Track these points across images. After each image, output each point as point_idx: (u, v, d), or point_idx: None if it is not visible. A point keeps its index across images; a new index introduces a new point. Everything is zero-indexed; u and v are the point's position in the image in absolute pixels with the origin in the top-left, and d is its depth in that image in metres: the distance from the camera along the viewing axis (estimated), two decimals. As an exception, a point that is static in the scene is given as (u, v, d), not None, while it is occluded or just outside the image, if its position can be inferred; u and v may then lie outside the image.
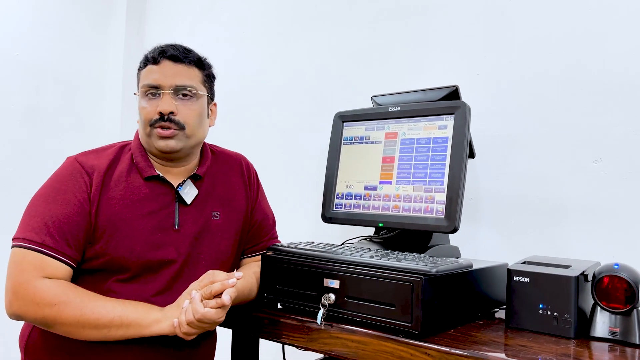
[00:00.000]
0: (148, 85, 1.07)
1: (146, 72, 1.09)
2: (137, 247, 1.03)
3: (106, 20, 2.32)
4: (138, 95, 1.11)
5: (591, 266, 1.03)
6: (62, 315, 0.94)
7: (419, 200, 1.13)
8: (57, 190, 1.02)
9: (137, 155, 1.10)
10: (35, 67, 2.08)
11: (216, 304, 0.95)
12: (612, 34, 1.22)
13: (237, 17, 2.00)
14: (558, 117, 1.28)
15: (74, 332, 0.95)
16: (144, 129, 1.09)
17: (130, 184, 1.07)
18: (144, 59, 1.12)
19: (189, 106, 1.09)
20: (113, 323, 0.95)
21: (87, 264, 1.03)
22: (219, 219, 1.14)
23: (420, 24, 1.52)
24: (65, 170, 1.05)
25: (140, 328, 0.96)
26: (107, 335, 0.96)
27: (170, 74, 1.07)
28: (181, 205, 1.10)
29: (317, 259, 1.04)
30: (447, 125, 1.12)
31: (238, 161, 1.24)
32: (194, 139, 1.11)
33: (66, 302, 0.94)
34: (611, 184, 1.21)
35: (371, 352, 0.92)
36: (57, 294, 0.95)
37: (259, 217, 1.24)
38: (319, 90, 1.74)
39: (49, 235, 0.98)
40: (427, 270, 0.90)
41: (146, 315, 0.97)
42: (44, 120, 2.11)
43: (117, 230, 1.03)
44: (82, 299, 0.96)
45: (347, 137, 1.29)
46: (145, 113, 1.07)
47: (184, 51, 1.11)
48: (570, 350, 0.87)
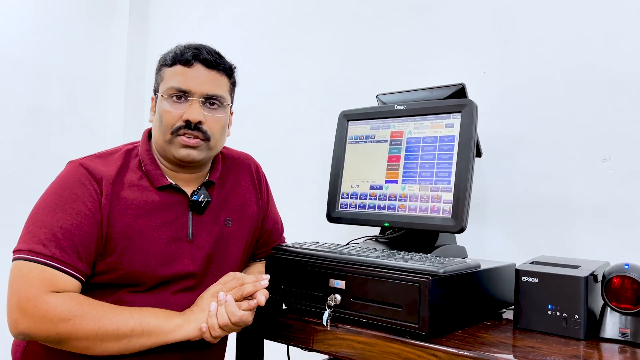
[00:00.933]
0: (177, 88, 1.01)
1: (175, 73, 1.02)
2: (152, 260, 0.98)
3: (109, 20, 2.32)
4: (159, 97, 1.04)
5: (600, 266, 1.01)
6: (79, 329, 0.88)
7: (426, 199, 1.12)
8: (65, 199, 0.95)
9: (146, 163, 1.04)
10: (37, 66, 2.07)
11: (249, 305, 0.95)
12: (622, 31, 1.21)
13: (241, 16, 1.99)
14: (565, 115, 1.27)
15: (92, 346, 0.89)
16: (163, 134, 1.02)
17: (142, 193, 1.01)
18: (172, 56, 1.03)
19: (216, 117, 1.03)
20: (134, 332, 0.90)
21: (97, 278, 0.98)
22: (231, 225, 1.10)
23: (426, 21, 1.51)
24: (71, 177, 0.98)
25: (163, 335, 0.92)
26: (127, 347, 0.91)
27: (202, 81, 1.01)
28: (194, 214, 1.05)
29: (322, 259, 1.02)
30: (454, 124, 1.11)
31: (247, 164, 1.20)
32: (214, 151, 1.07)
33: (82, 316, 0.88)
34: (620, 182, 1.19)
35: (377, 353, 0.91)
36: (71, 307, 0.88)
37: (270, 223, 1.21)
38: (324, 89, 1.72)
39: (59, 247, 0.91)
40: (434, 271, 0.89)
41: (168, 320, 0.93)
42: (47, 120, 2.10)
43: (132, 243, 0.97)
44: (98, 310, 0.90)
45: (352, 136, 1.28)
46: (169, 117, 1.00)
47: (217, 57, 1.06)
48: (580, 352, 0.85)
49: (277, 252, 1.11)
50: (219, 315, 0.93)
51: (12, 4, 1.99)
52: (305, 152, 1.75)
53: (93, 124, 2.26)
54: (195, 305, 0.99)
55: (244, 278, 0.99)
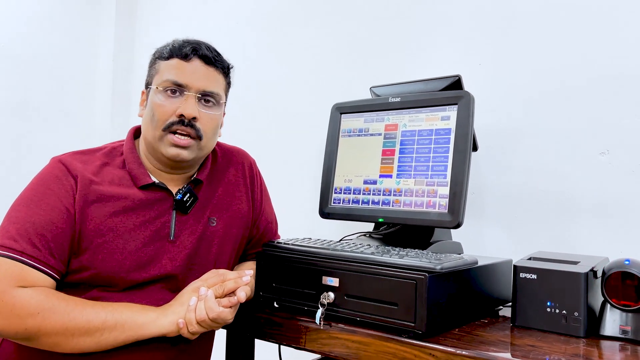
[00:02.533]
0: (173, 81, 0.98)
1: (171, 66, 0.99)
2: (127, 261, 0.95)
3: (96, 12, 2.26)
4: (152, 89, 1.01)
5: (600, 262, 0.99)
6: (48, 324, 0.85)
7: (421, 194, 1.09)
8: (40, 194, 0.93)
9: (130, 162, 1.01)
10: (22, 60, 2.02)
11: (229, 302, 0.92)
12: (621, 24, 1.19)
13: (232, 9, 1.95)
14: (563, 108, 1.24)
15: (63, 342, 0.87)
16: (154, 130, 0.98)
17: (122, 190, 0.98)
18: (170, 49, 1.01)
19: (210, 114, 1.01)
20: (106, 325, 0.87)
21: (70, 277, 0.95)
22: (215, 225, 1.06)
23: (421, 13, 1.48)
24: (49, 173, 0.96)
25: (137, 328, 0.89)
26: (99, 342, 0.88)
27: (199, 76, 0.99)
28: (178, 213, 1.02)
29: (315, 255, 0.99)
30: (450, 116, 1.08)
31: (241, 160, 1.16)
32: (205, 151, 1.04)
33: (51, 309, 0.86)
34: (619, 176, 1.17)
35: (373, 353, 0.88)
36: (39, 301, 0.86)
37: (263, 223, 1.18)
38: (317, 82, 1.69)
39: (30, 243, 0.89)
40: (431, 267, 0.86)
41: (142, 314, 0.91)
42: (31, 115, 2.05)
43: (106, 241, 0.94)
44: (68, 304, 0.88)
45: (345, 129, 1.25)
46: (162, 112, 0.97)
47: (216, 54, 1.04)
48: (581, 350, 0.83)
49: (269, 249, 1.07)
50: (198, 311, 0.90)
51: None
52: (297, 146, 1.72)
53: (80, 119, 2.21)
54: (174, 300, 0.96)
55: (225, 274, 0.96)
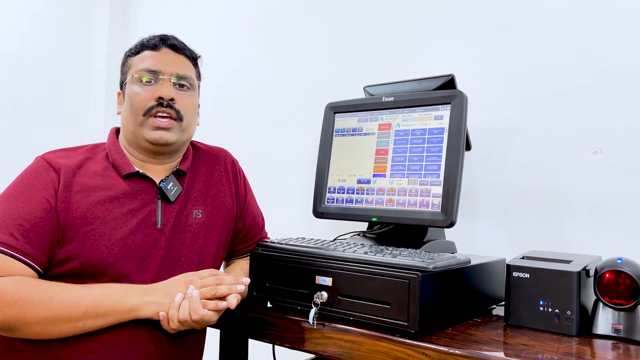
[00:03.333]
0: (146, 69, 1.02)
1: (142, 58, 1.04)
2: (115, 247, 0.96)
3: (90, 12, 2.26)
4: (127, 83, 1.04)
5: (593, 261, 0.99)
6: (27, 313, 0.85)
7: (414, 193, 1.09)
8: (20, 188, 0.95)
9: (112, 153, 1.04)
10: (18, 60, 2.02)
11: (216, 306, 0.91)
12: (614, 25, 1.19)
13: (226, 7, 1.95)
14: (556, 107, 1.25)
15: (44, 331, 0.87)
16: (134, 118, 1.01)
17: (106, 180, 1.00)
18: (138, 45, 1.07)
19: (187, 97, 1.05)
20: (87, 314, 0.88)
21: (58, 268, 0.95)
22: (200, 217, 1.07)
23: (415, 12, 1.48)
24: (30, 169, 0.99)
25: (120, 315, 0.90)
26: (83, 328, 0.89)
27: (171, 62, 1.04)
28: (164, 202, 1.03)
29: (308, 255, 0.99)
30: (443, 116, 1.08)
31: (223, 157, 1.18)
32: (187, 134, 1.07)
33: (28, 298, 0.86)
34: (611, 175, 1.18)
35: (366, 352, 0.88)
36: (16, 290, 0.86)
37: (249, 217, 1.18)
38: (310, 81, 1.69)
39: (8, 233, 0.89)
40: (424, 267, 0.86)
41: (124, 300, 0.91)
42: (25, 114, 2.04)
43: (93, 229, 0.95)
44: (46, 292, 0.88)
45: (339, 128, 1.25)
46: (139, 99, 1.01)
47: (183, 43, 1.10)
48: (573, 349, 0.83)
49: (262, 249, 1.07)
50: (181, 310, 0.90)
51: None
52: (291, 145, 1.72)
53: (74, 119, 2.20)
54: (163, 285, 0.95)
55: (222, 279, 0.95)
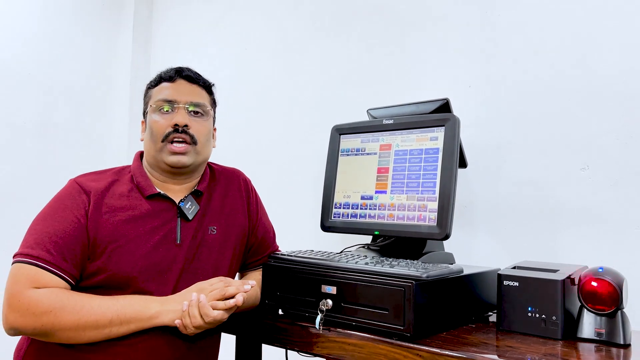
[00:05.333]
0: (163, 99, 1.13)
1: (160, 89, 1.15)
2: (139, 262, 1.06)
3: (114, 38, 2.41)
4: (148, 112, 1.16)
5: (578, 270, 1.06)
6: (60, 321, 0.95)
7: (413, 208, 1.18)
8: (55, 209, 1.06)
9: (137, 176, 1.14)
10: (45, 84, 2.16)
11: (224, 305, 1.00)
12: (600, 45, 1.27)
13: (241, 34, 2.07)
14: (546, 127, 1.33)
15: (75, 336, 0.97)
16: (154, 144, 1.13)
17: (131, 201, 1.10)
18: (157, 78, 1.18)
19: (201, 122, 1.15)
20: (113, 322, 0.98)
21: (88, 281, 1.05)
22: (215, 233, 1.17)
23: (414, 40, 1.58)
24: (64, 192, 1.09)
25: (142, 322, 1.00)
26: (109, 334, 0.99)
27: (185, 92, 1.15)
28: (183, 220, 1.13)
29: (314, 266, 1.08)
30: (438, 137, 1.17)
31: (236, 177, 1.28)
32: (202, 156, 1.16)
33: (62, 307, 0.96)
34: (598, 190, 1.25)
35: (366, 354, 0.96)
36: (51, 300, 0.96)
37: (260, 232, 1.28)
38: (318, 104, 1.79)
39: (45, 250, 1.00)
40: (417, 276, 0.94)
41: (145, 309, 1.01)
42: (54, 135, 2.18)
43: (119, 246, 1.05)
44: (77, 302, 0.97)
45: (344, 149, 1.34)
46: (158, 127, 1.12)
47: (197, 74, 1.20)
48: (557, 351, 0.90)
49: (273, 260, 1.17)
50: (192, 318, 1.00)
51: (21, 25, 2.08)
52: (300, 164, 1.82)
53: (98, 139, 2.34)
54: (179, 295, 1.05)
55: (230, 282, 1.05)
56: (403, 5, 1.61)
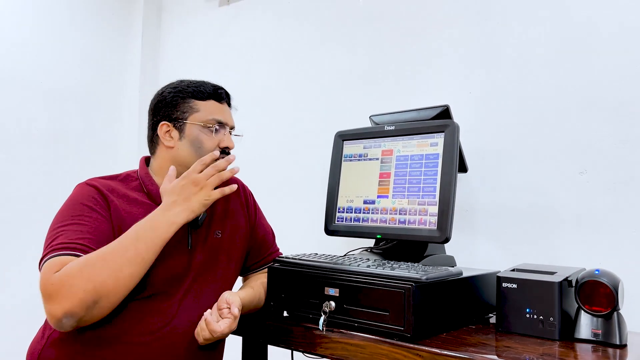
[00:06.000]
0: (218, 120, 1.18)
1: (211, 107, 1.19)
2: (156, 266, 1.08)
3: (123, 46, 2.46)
4: (193, 124, 1.16)
5: (575, 272, 1.09)
6: (95, 274, 0.94)
7: (414, 212, 1.21)
8: (80, 210, 1.06)
9: (147, 184, 1.17)
10: (59, 94, 2.21)
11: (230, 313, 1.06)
12: (597, 52, 1.30)
13: (247, 42, 2.11)
14: (545, 132, 1.36)
15: (118, 284, 0.96)
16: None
17: (145, 208, 1.12)
18: (205, 92, 1.19)
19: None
20: (139, 249, 0.98)
21: None
22: (220, 236, 1.21)
23: (416, 47, 1.61)
24: (84, 193, 1.09)
25: (164, 234, 1.02)
26: (143, 262, 0.99)
27: (230, 115, 1.23)
28: (191, 227, 1.18)
29: (318, 269, 1.11)
30: (438, 143, 1.20)
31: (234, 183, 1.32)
32: None
33: (88, 264, 0.95)
34: (595, 194, 1.27)
35: (368, 354, 0.99)
36: (72, 266, 0.95)
37: (260, 233, 1.32)
38: (322, 111, 1.83)
39: (82, 244, 1.00)
40: (417, 278, 0.97)
41: (159, 221, 1.02)
42: (65, 142, 2.23)
43: None
44: (94, 254, 0.97)
45: (347, 154, 1.38)
46: (210, 144, 1.17)
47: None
48: (555, 351, 0.93)
49: (278, 264, 1.20)
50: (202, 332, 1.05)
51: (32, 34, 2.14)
52: (304, 169, 1.85)
53: (108, 145, 2.39)
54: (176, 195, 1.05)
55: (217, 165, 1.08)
56: (405, 14, 1.64)
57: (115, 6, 2.44)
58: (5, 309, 2.01)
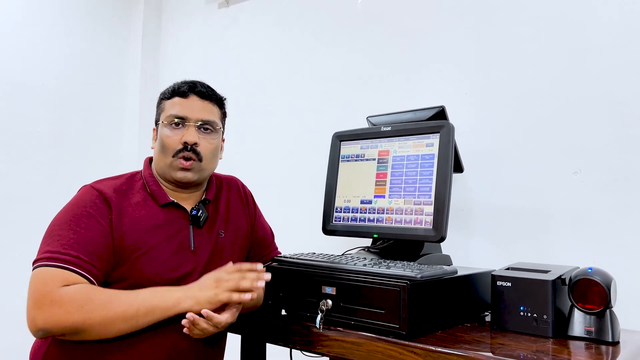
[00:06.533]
0: (175, 115, 1.16)
1: (173, 103, 1.18)
2: (160, 268, 1.10)
3: (124, 49, 2.48)
4: (160, 124, 1.19)
5: (568, 270, 1.10)
6: (91, 316, 0.96)
7: (410, 212, 1.23)
8: (79, 215, 1.07)
9: (150, 184, 1.18)
10: (60, 96, 2.23)
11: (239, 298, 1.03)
12: (592, 53, 1.31)
13: (246, 44, 2.13)
14: (540, 132, 1.37)
15: (103, 331, 0.98)
16: (165, 157, 1.16)
17: (148, 210, 1.14)
18: (170, 90, 1.20)
19: (209, 139, 1.19)
20: (139, 312, 1.00)
21: (114, 286, 1.07)
22: (223, 236, 1.23)
23: (412, 49, 1.63)
24: (84, 198, 1.10)
25: (165, 311, 1.02)
26: (136, 325, 1.00)
27: (197, 109, 1.17)
28: (194, 227, 1.19)
29: (315, 268, 1.13)
30: (434, 143, 1.22)
31: (235, 184, 1.34)
32: (207, 172, 1.21)
33: (92, 301, 0.97)
34: (589, 194, 1.29)
35: (364, 352, 1.00)
36: (81, 295, 0.97)
37: (259, 232, 1.34)
38: (320, 112, 1.85)
39: (74, 255, 1.01)
40: (412, 276, 0.99)
41: (168, 298, 1.03)
42: (67, 145, 2.25)
43: (143, 254, 1.09)
44: (105, 296, 1.00)
45: (344, 155, 1.39)
46: (170, 141, 1.15)
47: (209, 89, 1.22)
48: (548, 348, 0.94)
49: (276, 263, 1.22)
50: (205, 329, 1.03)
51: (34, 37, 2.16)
52: (302, 170, 1.87)
53: (109, 147, 2.41)
54: (197, 283, 1.07)
55: (245, 275, 1.07)
56: (402, 15, 1.66)
57: (115, 8, 2.46)
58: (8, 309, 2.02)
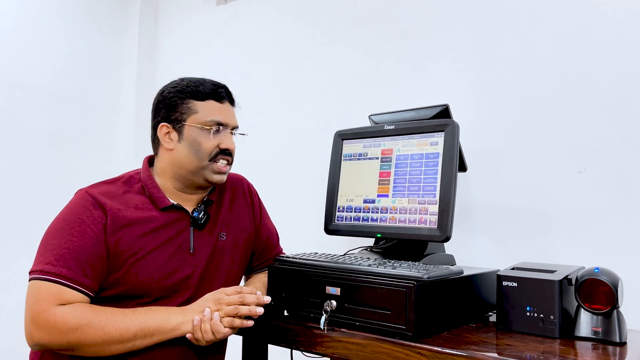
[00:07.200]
0: (217, 121, 1.14)
1: (211, 108, 1.15)
2: (156, 273, 1.08)
3: (120, 47, 2.45)
4: (189, 126, 1.14)
5: (574, 270, 1.09)
6: (87, 337, 0.98)
7: (414, 212, 1.21)
8: (71, 223, 1.05)
9: (149, 187, 1.15)
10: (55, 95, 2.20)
11: (241, 323, 1.05)
12: (597, 53, 1.31)
13: (245, 41, 2.11)
14: (544, 131, 1.36)
15: (100, 351, 1.00)
16: (200, 161, 1.13)
17: (146, 214, 1.11)
18: (202, 91, 1.15)
19: (235, 143, 1.20)
20: (137, 335, 1.00)
21: (108, 292, 1.07)
22: (225, 239, 1.21)
23: (415, 47, 1.62)
24: (78, 204, 1.08)
25: (163, 334, 1.03)
26: (133, 347, 1.01)
27: (232, 115, 1.19)
28: (195, 229, 1.16)
29: (318, 268, 1.11)
30: (438, 142, 1.21)
31: (240, 184, 1.31)
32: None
33: (88, 324, 0.98)
34: (594, 193, 1.28)
35: (370, 353, 0.99)
36: (77, 317, 0.98)
37: (264, 235, 1.32)
38: (322, 110, 1.83)
39: (66, 267, 1.01)
40: (419, 277, 0.97)
41: (167, 321, 1.03)
42: (63, 143, 2.22)
43: (138, 259, 1.07)
44: (102, 318, 0.99)
45: (346, 154, 1.38)
46: (209, 146, 1.13)
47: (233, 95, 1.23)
48: (555, 349, 0.93)
49: (278, 263, 1.20)
50: (204, 333, 1.03)
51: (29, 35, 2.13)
52: (304, 169, 1.86)
53: (105, 146, 2.38)
54: (195, 303, 1.08)
55: (245, 297, 1.07)
56: (404, 13, 1.64)
57: (112, 6, 2.43)
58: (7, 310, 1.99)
